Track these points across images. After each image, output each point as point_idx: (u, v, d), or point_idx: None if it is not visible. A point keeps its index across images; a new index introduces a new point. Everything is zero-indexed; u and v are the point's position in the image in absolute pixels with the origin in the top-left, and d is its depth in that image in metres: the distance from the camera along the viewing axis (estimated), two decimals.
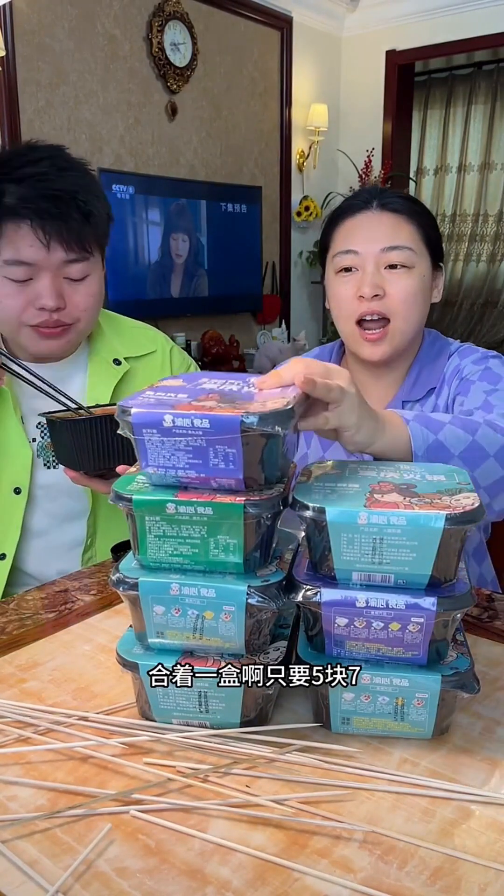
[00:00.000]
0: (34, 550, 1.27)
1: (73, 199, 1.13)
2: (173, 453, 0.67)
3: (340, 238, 1.19)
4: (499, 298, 6.07)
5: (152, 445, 0.67)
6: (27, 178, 1.11)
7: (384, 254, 1.14)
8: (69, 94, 3.34)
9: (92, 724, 0.72)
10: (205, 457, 0.66)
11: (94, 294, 1.21)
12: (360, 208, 1.18)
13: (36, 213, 1.10)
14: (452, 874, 0.56)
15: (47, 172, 1.13)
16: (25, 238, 1.12)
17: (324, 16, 4.66)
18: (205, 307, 4.13)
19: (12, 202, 1.11)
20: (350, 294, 1.16)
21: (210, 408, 0.66)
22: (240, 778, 0.65)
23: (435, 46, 4.57)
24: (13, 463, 1.22)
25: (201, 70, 3.93)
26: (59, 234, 1.13)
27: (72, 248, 1.14)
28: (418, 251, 1.16)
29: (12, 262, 1.12)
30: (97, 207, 1.17)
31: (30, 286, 1.14)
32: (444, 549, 0.64)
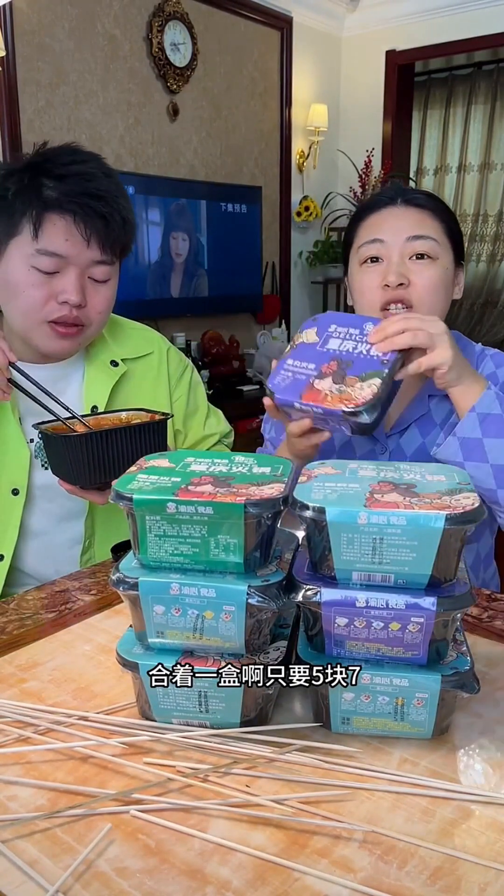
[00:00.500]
0: (32, 550, 1.27)
1: (115, 202, 1.16)
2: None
3: (365, 230, 1.21)
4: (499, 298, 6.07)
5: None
6: (73, 175, 1.13)
7: (409, 243, 1.16)
8: (69, 94, 3.34)
9: (92, 724, 0.72)
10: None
11: (110, 299, 1.23)
12: (385, 203, 1.21)
13: (81, 208, 1.12)
14: (452, 874, 0.56)
15: (94, 173, 1.16)
16: (64, 231, 1.13)
17: (324, 16, 4.65)
18: (205, 307, 4.12)
19: (55, 195, 1.12)
20: (375, 283, 1.17)
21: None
22: (240, 778, 0.65)
23: (435, 46, 4.57)
24: (11, 463, 1.22)
25: (201, 70, 3.93)
26: (100, 233, 1.15)
27: (106, 249, 1.17)
28: (442, 243, 1.18)
29: (45, 252, 1.13)
30: (131, 216, 1.21)
31: (55, 279, 1.15)
32: (444, 549, 0.64)
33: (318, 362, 0.97)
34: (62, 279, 1.15)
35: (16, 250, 1.14)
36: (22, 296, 1.15)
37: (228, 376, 4.04)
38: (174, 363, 1.42)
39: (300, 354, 0.99)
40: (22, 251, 1.14)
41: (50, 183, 1.13)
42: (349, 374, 0.95)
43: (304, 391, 0.94)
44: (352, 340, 0.99)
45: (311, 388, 0.95)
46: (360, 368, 0.96)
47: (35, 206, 1.12)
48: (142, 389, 1.35)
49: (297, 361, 0.98)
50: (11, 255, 1.15)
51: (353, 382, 0.94)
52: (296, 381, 0.96)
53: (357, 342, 0.99)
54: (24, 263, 1.14)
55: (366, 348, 0.98)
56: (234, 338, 4.25)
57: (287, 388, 0.96)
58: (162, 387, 1.38)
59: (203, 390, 1.49)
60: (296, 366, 0.98)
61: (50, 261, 1.13)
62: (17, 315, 1.18)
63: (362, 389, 0.93)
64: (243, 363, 4.29)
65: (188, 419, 1.43)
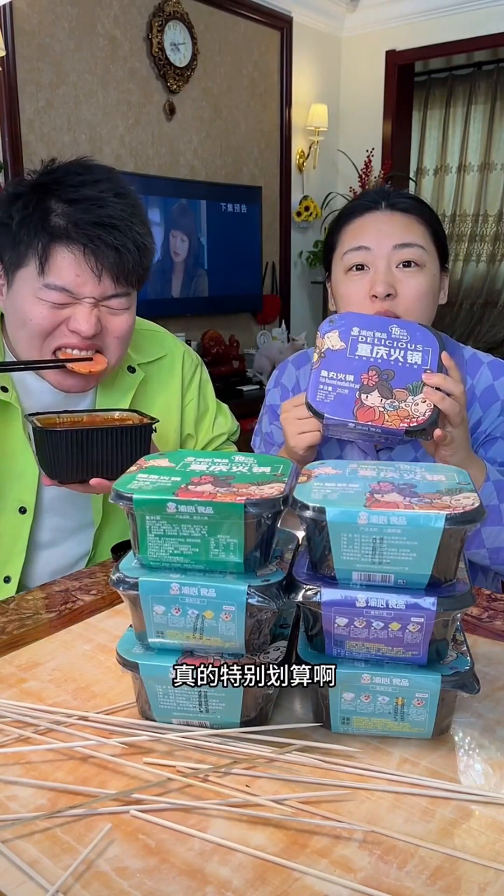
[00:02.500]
0: (40, 566, 1.24)
1: (129, 230, 1.06)
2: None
3: (349, 236, 1.17)
4: (499, 298, 6.08)
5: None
6: (83, 201, 1.04)
7: (396, 251, 1.13)
8: (69, 94, 3.34)
9: (92, 724, 0.72)
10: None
11: (130, 324, 1.15)
12: (369, 208, 1.17)
13: (91, 241, 1.03)
14: (452, 874, 0.56)
15: (105, 197, 1.05)
16: (74, 266, 1.05)
17: (324, 16, 4.66)
18: (205, 307, 4.13)
19: (63, 223, 1.03)
20: (361, 293, 1.14)
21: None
22: (240, 778, 0.65)
23: (435, 46, 4.57)
24: (18, 480, 1.18)
25: (201, 70, 3.93)
26: (113, 267, 1.06)
27: (120, 282, 1.08)
28: (429, 250, 1.15)
29: (54, 287, 1.05)
30: (149, 241, 1.12)
31: (66, 309, 1.08)
32: (444, 549, 0.64)
33: (357, 373, 0.93)
34: (74, 311, 1.08)
35: (23, 282, 1.07)
36: (29, 324, 1.08)
37: (228, 376, 4.04)
38: (187, 366, 1.37)
39: (332, 364, 0.94)
40: (29, 284, 1.07)
41: (58, 208, 1.04)
42: (394, 385, 0.92)
43: (355, 408, 0.91)
44: (383, 346, 0.95)
45: (362, 404, 0.91)
46: (404, 379, 0.92)
47: (41, 238, 1.03)
48: (155, 394, 1.31)
49: (333, 372, 0.93)
50: (19, 287, 1.08)
51: (404, 396, 0.91)
52: (340, 397, 0.91)
53: (389, 347, 0.95)
54: (32, 296, 1.07)
55: (401, 354, 0.94)
56: (234, 338, 4.25)
57: (334, 405, 0.91)
58: (174, 390, 1.34)
59: (211, 388, 1.44)
60: (332, 378, 0.93)
61: (59, 295, 1.06)
62: (23, 342, 1.12)
63: (417, 405, 0.90)
64: (243, 363, 4.29)
65: (199, 422, 1.39)
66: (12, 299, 1.10)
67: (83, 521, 1.26)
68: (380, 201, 1.17)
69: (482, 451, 1.18)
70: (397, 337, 0.97)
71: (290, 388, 1.33)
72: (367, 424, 0.90)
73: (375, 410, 0.90)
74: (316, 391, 0.93)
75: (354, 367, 0.93)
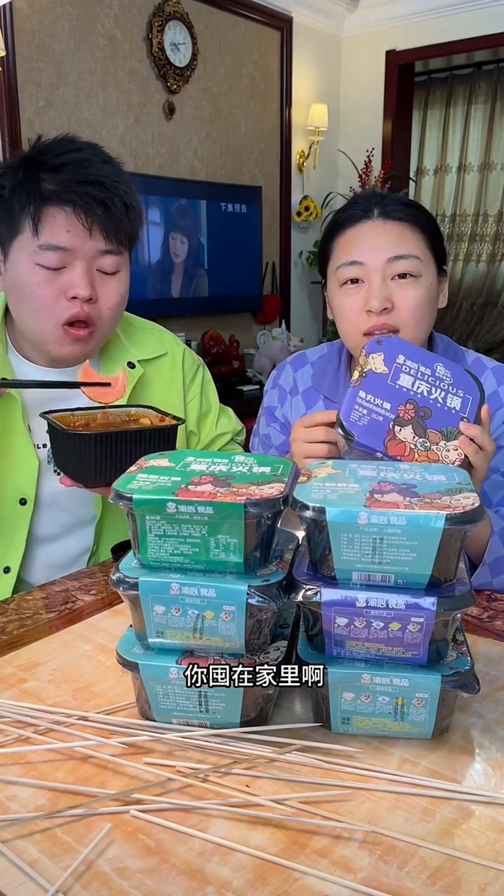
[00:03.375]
0: (40, 560, 1.24)
1: (115, 188, 1.11)
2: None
3: (342, 249, 1.15)
4: (499, 298, 6.08)
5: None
6: (70, 164, 1.09)
7: (390, 264, 1.11)
8: (69, 94, 3.34)
9: (92, 724, 0.72)
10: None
11: (122, 293, 1.18)
12: (361, 217, 1.14)
13: (79, 197, 1.08)
14: (452, 874, 0.56)
15: (91, 159, 1.11)
16: (65, 223, 1.09)
17: (324, 16, 4.66)
18: (205, 307, 4.12)
19: (53, 187, 1.08)
20: (357, 308, 1.12)
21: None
22: (240, 778, 0.65)
23: (435, 46, 4.57)
24: (19, 472, 1.18)
25: (201, 70, 3.93)
26: (101, 220, 1.10)
27: (110, 237, 1.12)
28: (424, 259, 1.12)
29: (47, 246, 1.09)
30: (136, 202, 1.16)
31: (62, 275, 1.11)
32: (444, 549, 0.64)
33: (394, 402, 0.92)
34: (69, 274, 1.11)
35: (19, 250, 1.11)
36: (31, 296, 1.11)
37: (228, 376, 4.04)
38: (188, 364, 1.38)
39: (372, 387, 0.92)
40: (25, 250, 1.10)
41: (46, 176, 1.09)
42: (429, 426, 0.91)
43: (386, 438, 0.90)
44: (425, 382, 0.94)
45: (394, 436, 0.90)
46: (440, 421, 0.92)
47: (33, 202, 1.08)
48: (155, 392, 1.31)
49: (371, 396, 0.92)
50: (16, 256, 1.11)
51: (437, 438, 0.90)
52: (374, 423, 0.90)
53: (431, 385, 0.94)
54: (29, 262, 1.10)
55: (441, 395, 0.94)
56: (234, 338, 4.25)
57: (367, 430, 0.90)
58: (175, 389, 1.34)
59: (214, 389, 1.44)
60: (370, 401, 0.91)
61: (54, 255, 1.09)
62: (29, 318, 1.14)
63: (448, 452, 0.90)
64: (243, 363, 4.29)
65: (201, 420, 1.39)
66: (10, 273, 1.13)
67: (84, 516, 1.26)
68: (371, 209, 1.14)
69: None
70: (441, 376, 0.95)
71: (287, 390, 1.32)
72: (395, 459, 0.88)
73: (406, 446, 0.89)
74: (350, 410, 0.91)
75: (393, 396, 0.92)
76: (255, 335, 4.46)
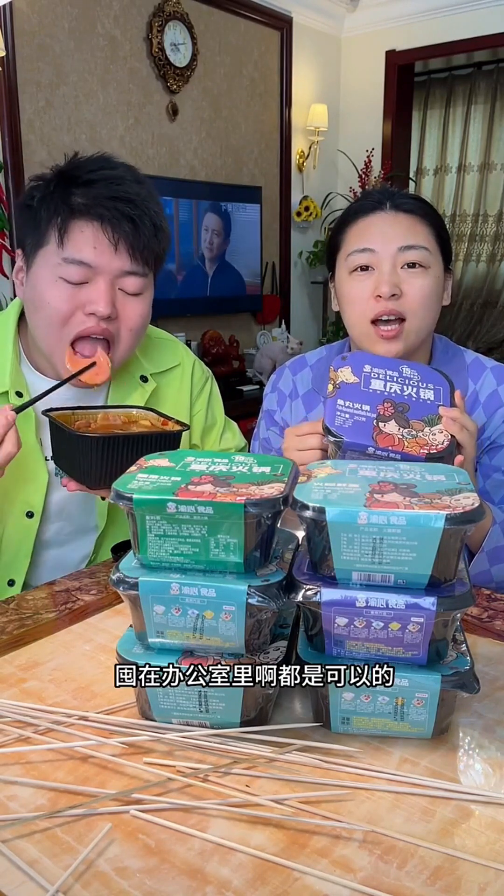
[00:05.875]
0: (42, 567, 1.24)
1: (146, 207, 1.10)
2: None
3: (354, 237, 1.17)
4: (499, 298, 6.08)
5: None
6: (102, 180, 1.08)
7: (401, 253, 1.13)
8: (69, 94, 3.34)
9: (92, 724, 0.72)
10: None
11: (144, 316, 1.16)
12: (373, 208, 1.17)
13: (108, 211, 1.07)
14: (452, 874, 0.56)
15: (123, 177, 1.10)
16: (92, 238, 1.07)
17: (324, 16, 4.66)
18: (205, 307, 4.12)
19: (83, 201, 1.07)
20: (366, 293, 1.14)
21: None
22: (240, 778, 0.65)
23: (435, 46, 4.57)
24: (28, 485, 1.17)
25: (201, 70, 3.93)
26: (128, 237, 1.08)
27: (136, 256, 1.10)
28: (433, 252, 1.15)
29: (71, 260, 1.07)
30: (165, 225, 1.14)
31: (82, 290, 1.08)
32: (444, 549, 0.64)
33: (372, 404, 0.95)
34: (90, 290, 1.08)
35: (43, 261, 1.09)
36: (48, 308, 1.09)
37: (228, 376, 4.04)
38: (197, 376, 1.37)
39: (347, 395, 0.96)
40: (49, 262, 1.08)
41: (77, 190, 1.08)
42: (410, 417, 0.94)
43: (374, 434, 0.92)
44: (395, 382, 0.97)
45: (380, 431, 0.92)
46: (419, 413, 0.95)
47: (60, 213, 1.07)
48: (166, 402, 1.30)
49: (349, 402, 0.95)
50: (39, 267, 1.10)
51: (420, 427, 0.93)
52: (358, 424, 0.93)
53: (401, 384, 0.97)
54: (51, 274, 1.08)
55: (413, 391, 0.97)
56: (234, 338, 4.25)
57: (353, 429, 0.92)
58: (183, 401, 1.34)
59: (220, 403, 1.43)
60: (349, 406, 0.94)
61: (77, 270, 1.07)
62: (41, 329, 1.12)
63: (435, 435, 0.92)
64: (243, 363, 4.29)
65: (206, 434, 1.39)
66: (31, 283, 1.11)
67: (87, 526, 1.26)
68: (384, 201, 1.16)
69: (486, 459, 1.18)
70: (408, 376, 0.99)
71: (286, 394, 1.32)
72: (386, 450, 0.91)
73: (394, 437, 0.92)
74: (334, 417, 0.94)
75: (369, 399, 0.95)
76: (255, 335, 4.46)
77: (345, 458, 0.94)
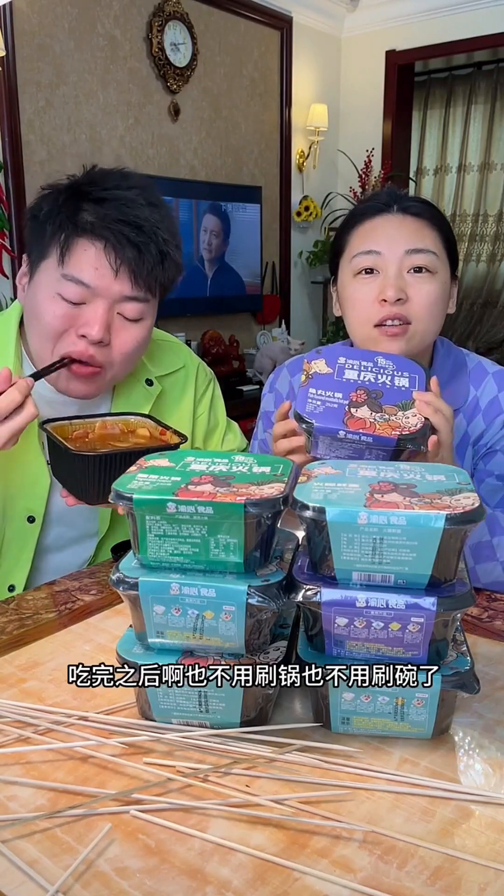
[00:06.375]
0: (43, 572, 1.23)
1: (154, 234, 1.07)
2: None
3: (359, 239, 1.14)
4: (499, 298, 6.08)
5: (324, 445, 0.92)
6: (113, 200, 1.06)
7: (408, 256, 1.10)
8: (69, 94, 3.34)
9: (92, 724, 0.72)
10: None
11: (139, 341, 1.13)
12: (380, 210, 1.14)
13: (113, 235, 1.04)
14: (452, 874, 0.56)
15: (135, 200, 1.07)
16: (94, 259, 1.05)
17: (324, 16, 4.66)
18: (205, 307, 4.12)
19: (89, 219, 1.04)
20: (371, 297, 1.11)
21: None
22: (240, 778, 0.65)
23: (435, 46, 4.57)
24: (29, 490, 1.16)
25: (201, 70, 3.93)
26: (131, 263, 1.05)
27: (138, 282, 1.07)
28: (440, 257, 1.12)
29: (71, 278, 1.05)
30: (174, 252, 1.11)
31: (80, 310, 1.06)
32: (444, 549, 0.64)
33: (345, 391, 0.93)
34: (86, 311, 1.06)
35: (44, 273, 1.08)
36: (43, 322, 1.08)
37: (228, 376, 4.04)
38: (201, 379, 1.36)
39: (320, 384, 0.94)
40: (49, 275, 1.07)
41: (87, 206, 1.05)
42: (384, 403, 0.93)
43: (345, 419, 0.91)
44: (370, 372, 0.96)
45: (352, 416, 0.91)
46: (393, 398, 0.93)
47: (65, 230, 1.05)
48: (170, 405, 1.30)
49: (321, 390, 0.93)
50: (40, 278, 1.08)
51: (394, 411, 0.92)
52: (329, 409, 0.91)
53: (376, 374, 0.96)
54: (51, 289, 1.06)
55: (388, 379, 0.95)
56: (234, 338, 4.25)
57: (324, 415, 0.91)
58: (187, 404, 1.33)
59: (222, 404, 1.42)
60: (321, 395, 0.93)
61: (76, 289, 1.05)
62: (35, 339, 1.11)
63: (408, 418, 0.91)
64: (243, 363, 4.29)
65: (208, 436, 1.38)
66: (32, 292, 1.10)
67: (88, 531, 1.26)
68: (391, 204, 1.14)
69: (482, 464, 1.17)
70: (383, 366, 0.97)
71: (284, 394, 1.32)
72: (357, 432, 0.89)
73: (366, 421, 0.90)
74: (305, 403, 0.93)
75: (342, 387, 0.94)
76: (255, 335, 4.46)
77: (317, 444, 0.93)
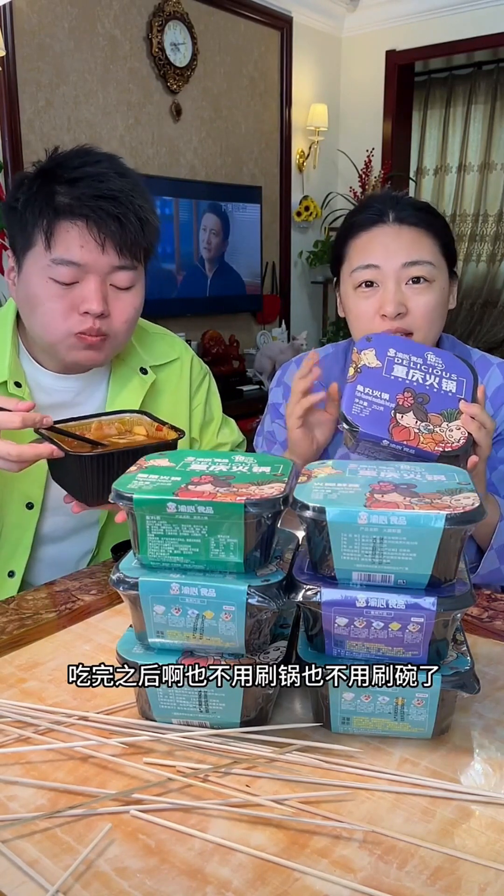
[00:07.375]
0: (43, 562, 1.24)
1: (130, 203, 1.10)
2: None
3: (357, 252, 1.17)
4: (499, 298, 6.07)
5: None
6: (85, 178, 1.08)
7: (405, 269, 1.12)
8: (69, 94, 3.34)
9: (92, 724, 0.72)
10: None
11: (136, 307, 1.17)
12: (376, 221, 1.16)
13: (93, 212, 1.06)
14: (452, 874, 0.56)
15: (106, 173, 1.10)
16: (78, 238, 1.07)
17: (324, 16, 4.66)
18: (205, 307, 4.12)
19: (67, 201, 1.07)
20: (372, 311, 1.14)
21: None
22: (240, 778, 0.65)
23: (435, 46, 4.57)
24: (27, 477, 1.17)
25: (201, 70, 3.93)
26: (115, 235, 1.08)
27: (124, 252, 1.10)
28: (438, 264, 1.14)
29: (60, 261, 1.07)
30: (152, 217, 1.14)
31: (75, 290, 1.09)
32: (444, 549, 0.64)
33: (392, 392, 0.94)
34: (82, 288, 1.09)
35: (33, 263, 1.09)
36: (42, 309, 1.10)
37: (228, 376, 4.04)
38: (195, 371, 1.37)
39: (368, 381, 0.95)
40: (38, 263, 1.09)
41: (61, 189, 1.07)
42: (429, 410, 0.94)
43: (390, 426, 0.92)
44: (419, 370, 0.97)
45: (397, 423, 0.92)
46: (439, 405, 0.94)
47: (46, 216, 1.07)
48: (165, 397, 1.31)
49: (369, 388, 0.94)
50: (29, 269, 1.10)
51: (438, 421, 0.93)
52: (376, 413, 0.93)
53: (425, 373, 0.97)
54: (42, 276, 1.08)
55: (436, 381, 0.96)
56: (234, 338, 4.25)
57: (369, 419, 0.92)
58: (182, 395, 1.34)
59: (218, 398, 1.44)
60: (368, 394, 0.94)
61: (67, 270, 1.08)
62: (40, 329, 1.13)
63: (452, 432, 0.92)
64: (243, 363, 4.29)
65: (204, 429, 1.39)
66: (24, 284, 1.12)
67: (89, 520, 1.26)
68: (387, 212, 1.15)
69: (492, 451, 1.19)
70: (433, 364, 0.98)
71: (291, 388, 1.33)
72: (401, 444, 0.90)
73: (410, 431, 0.91)
74: (352, 404, 0.93)
75: (390, 387, 0.95)
76: (255, 335, 4.46)
77: (358, 447, 0.95)
